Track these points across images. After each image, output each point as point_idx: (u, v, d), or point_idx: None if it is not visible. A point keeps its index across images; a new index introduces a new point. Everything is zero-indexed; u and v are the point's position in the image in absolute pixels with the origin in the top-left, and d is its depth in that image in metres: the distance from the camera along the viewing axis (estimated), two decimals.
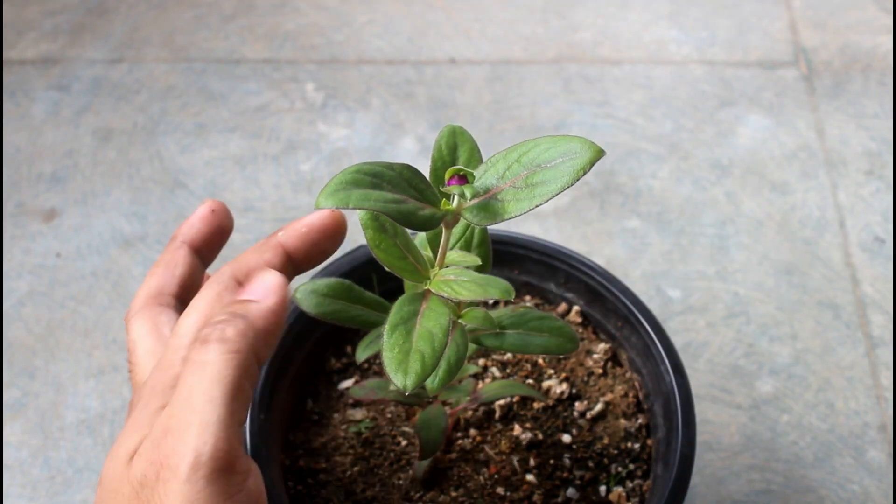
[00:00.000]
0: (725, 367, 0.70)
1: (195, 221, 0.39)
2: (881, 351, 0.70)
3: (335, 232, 0.37)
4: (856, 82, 0.90)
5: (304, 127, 0.88)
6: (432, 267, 0.36)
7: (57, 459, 0.65)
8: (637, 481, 0.49)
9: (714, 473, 0.64)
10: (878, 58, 0.93)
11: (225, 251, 0.77)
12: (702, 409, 0.67)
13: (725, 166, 0.83)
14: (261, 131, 0.88)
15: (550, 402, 0.51)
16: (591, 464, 0.49)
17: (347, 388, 0.52)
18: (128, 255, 0.78)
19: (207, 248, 0.39)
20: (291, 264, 0.36)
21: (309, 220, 0.36)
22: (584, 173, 0.31)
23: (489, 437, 0.50)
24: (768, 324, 0.72)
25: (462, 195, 0.33)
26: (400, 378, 0.31)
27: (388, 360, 0.32)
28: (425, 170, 0.35)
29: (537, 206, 0.31)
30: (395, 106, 0.90)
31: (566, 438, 0.50)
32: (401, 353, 0.32)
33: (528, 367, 0.53)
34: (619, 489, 0.48)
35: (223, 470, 0.28)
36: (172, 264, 0.38)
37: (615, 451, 0.50)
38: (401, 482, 0.48)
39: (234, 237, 0.79)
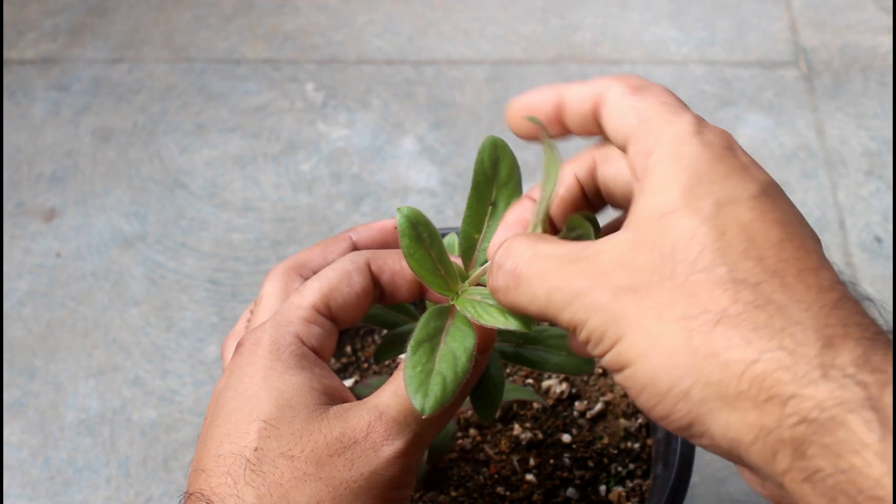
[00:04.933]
0: None
1: (375, 227, 0.42)
2: None
3: None
4: (856, 82, 0.90)
5: (304, 127, 0.88)
6: (462, 280, 0.36)
7: (57, 459, 0.65)
8: (637, 481, 0.49)
9: (714, 473, 0.64)
10: (878, 58, 0.93)
11: (224, 251, 0.77)
12: None
13: None
14: (261, 131, 0.88)
15: (550, 402, 0.51)
16: (591, 463, 0.49)
17: (348, 388, 0.52)
18: (128, 255, 0.78)
19: None
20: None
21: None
22: None
23: (489, 437, 0.50)
24: None
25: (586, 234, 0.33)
26: (419, 400, 0.31)
27: (409, 379, 0.32)
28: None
29: None
30: (395, 106, 0.90)
31: (566, 438, 0.50)
32: (423, 373, 0.32)
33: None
34: (619, 489, 0.48)
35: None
36: (329, 250, 0.41)
37: (615, 451, 0.50)
38: None
39: (234, 237, 0.79)
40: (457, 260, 0.36)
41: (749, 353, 0.24)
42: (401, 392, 0.33)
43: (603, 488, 0.48)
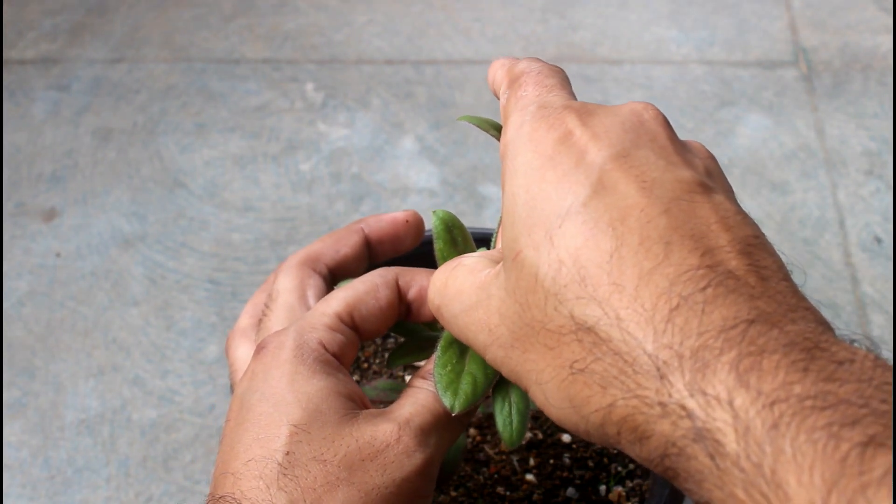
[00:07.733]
0: None
1: (385, 219, 0.42)
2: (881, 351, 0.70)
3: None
4: (856, 82, 0.91)
5: (304, 127, 0.88)
6: None
7: (57, 459, 0.65)
8: (637, 480, 0.49)
9: None
10: (878, 58, 0.93)
11: (224, 251, 0.77)
12: None
13: (725, 166, 0.83)
14: (261, 131, 0.88)
15: None
16: (590, 463, 0.49)
17: None
18: (128, 255, 0.78)
19: (381, 246, 0.42)
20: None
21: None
22: None
23: (489, 437, 0.50)
24: None
25: None
26: (449, 398, 0.31)
27: (439, 378, 0.32)
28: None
29: None
30: (395, 106, 0.90)
31: (566, 438, 0.50)
32: (452, 373, 0.32)
33: None
34: (619, 488, 0.48)
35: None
36: (342, 242, 0.41)
37: (615, 451, 0.50)
38: None
39: (234, 237, 0.79)
40: None
41: (606, 398, 0.24)
42: (420, 401, 0.33)
43: (603, 488, 0.48)
